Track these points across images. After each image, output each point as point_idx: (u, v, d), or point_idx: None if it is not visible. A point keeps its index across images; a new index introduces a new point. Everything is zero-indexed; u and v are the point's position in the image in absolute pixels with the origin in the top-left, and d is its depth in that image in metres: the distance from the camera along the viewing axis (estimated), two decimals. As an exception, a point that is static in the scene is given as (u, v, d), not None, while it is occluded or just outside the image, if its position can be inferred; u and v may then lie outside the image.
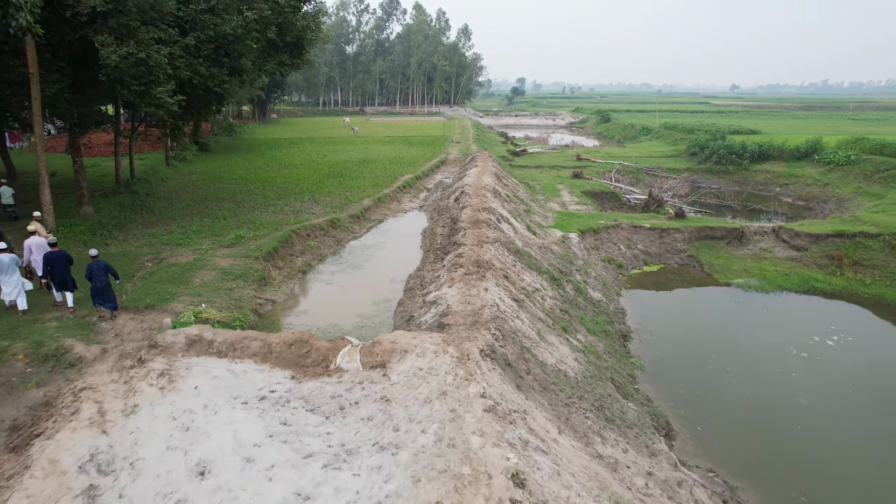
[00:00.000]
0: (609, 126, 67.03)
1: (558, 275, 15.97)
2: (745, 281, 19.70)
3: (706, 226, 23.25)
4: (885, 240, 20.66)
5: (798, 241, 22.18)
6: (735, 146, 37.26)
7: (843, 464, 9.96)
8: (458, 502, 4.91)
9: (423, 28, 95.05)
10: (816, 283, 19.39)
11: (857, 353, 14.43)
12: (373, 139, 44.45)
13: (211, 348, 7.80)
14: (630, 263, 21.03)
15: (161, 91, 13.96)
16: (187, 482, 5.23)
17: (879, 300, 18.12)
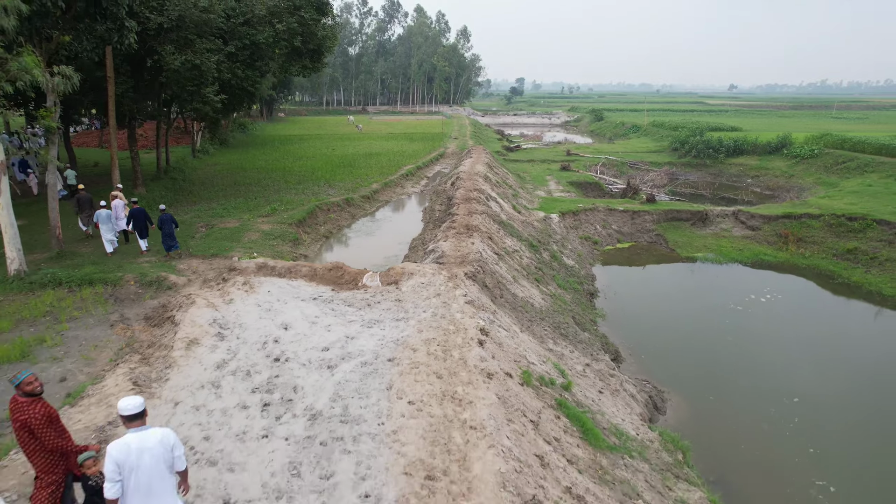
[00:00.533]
0: (602, 124, 70.22)
1: (536, 243, 19.19)
2: (704, 255, 22.84)
3: (673, 209, 26.48)
4: (824, 220, 23.85)
5: (753, 222, 25.38)
6: (712, 141, 40.46)
7: (748, 375, 13.14)
8: (445, 339, 8.11)
9: (423, 30, 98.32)
10: (764, 257, 22.56)
11: (780, 306, 17.65)
12: (376, 136, 47.69)
13: (273, 272, 11.01)
14: (604, 241, 24.20)
15: (209, 90, 17.19)
16: (277, 331, 8.43)
17: (814, 269, 21.29)
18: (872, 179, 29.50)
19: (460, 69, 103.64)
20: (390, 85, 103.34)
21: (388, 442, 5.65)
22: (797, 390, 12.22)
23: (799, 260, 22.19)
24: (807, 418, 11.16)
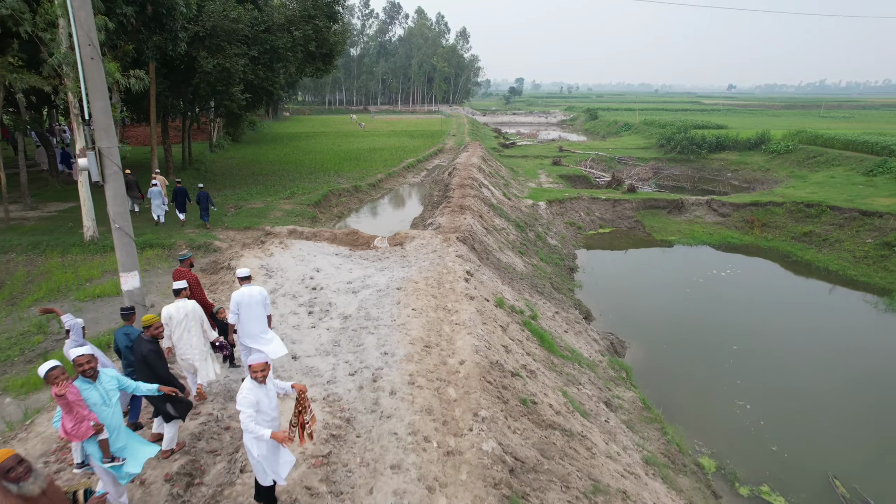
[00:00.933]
0: (596, 123, 72.83)
1: (523, 224, 21.78)
2: (677, 239, 25.43)
3: (651, 198, 29.08)
4: (786, 207, 26.44)
5: (724, 210, 27.98)
6: (696, 138, 43.05)
7: (700, 331, 15.71)
8: (439, 277, 10.69)
9: (423, 31, 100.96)
10: (731, 240, 25.17)
11: (737, 279, 20.24)
12: (379, 133, 50.30)
13: (301, 236, 13.60)
14: (587, 226, 26.78)
15: (235, 90, 19.79)
16: (311, 272, 11.02)
17: (774, 250, 23.86)
18: (837, 172, 32.06)
19: (459, 69, 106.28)
20: (391, 85, 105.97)
21: (398, 329, 8.24)
22: (737, 341, 14.80)
23: (762, 242, 24.76)
24: (740, 360, 13.75)
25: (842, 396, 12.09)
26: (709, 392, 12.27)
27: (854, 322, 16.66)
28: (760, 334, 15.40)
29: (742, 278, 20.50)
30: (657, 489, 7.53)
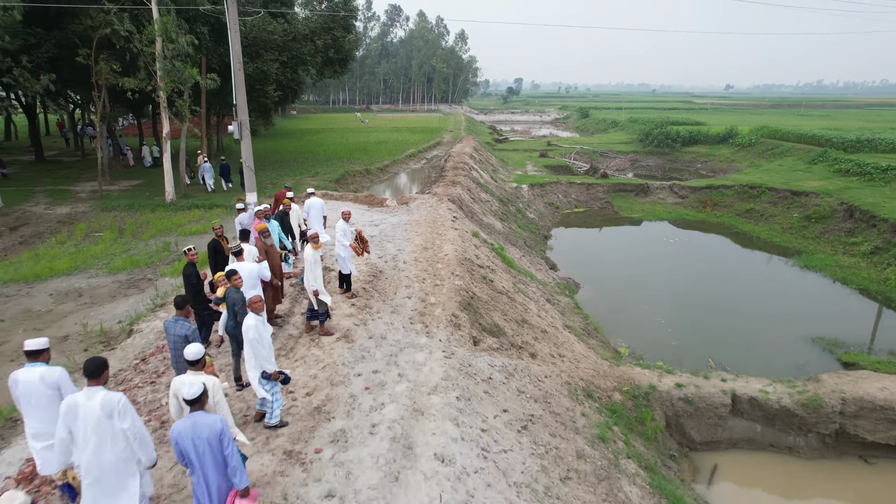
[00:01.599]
0: (586, 121, 77.46)
1: (506, 200, 26.37)
2: (640, 216, 29.99)
3: (621, 182, 33.69)
4: (734, 189, 31.00)
5: (683, 192, 32.57)
6: (671, 133, 47.64)
7: (642, 278, 20.29)
8: (434, 220, 15.30)
9: (423, 33, 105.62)
10: (686, 216, 29.73)
11: (682, 245, 24.80)
12: (382, 129, 54.94)
13: (332, 197, 18.20)
14: (564, 206, 31.34)
15: (269, 88, 24.39)
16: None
17: (721, 224, 28.38)
18: (786, 161, 36.61)
19: (458, 70, 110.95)
20: (392, 85, 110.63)
21: (406, 241, 12.84)
22: (671, 285, 19.32)
23: (712, 218, 29.34)
24: (668, 294, 18.30)
25: (731, 315, 16.66)
26: (637, 315, 16.77)
27: (763, 272, 21.32)
28: (689, 279, 19.99)
29: (686, 244, 25.12)
30: (570, 338, 12.09)
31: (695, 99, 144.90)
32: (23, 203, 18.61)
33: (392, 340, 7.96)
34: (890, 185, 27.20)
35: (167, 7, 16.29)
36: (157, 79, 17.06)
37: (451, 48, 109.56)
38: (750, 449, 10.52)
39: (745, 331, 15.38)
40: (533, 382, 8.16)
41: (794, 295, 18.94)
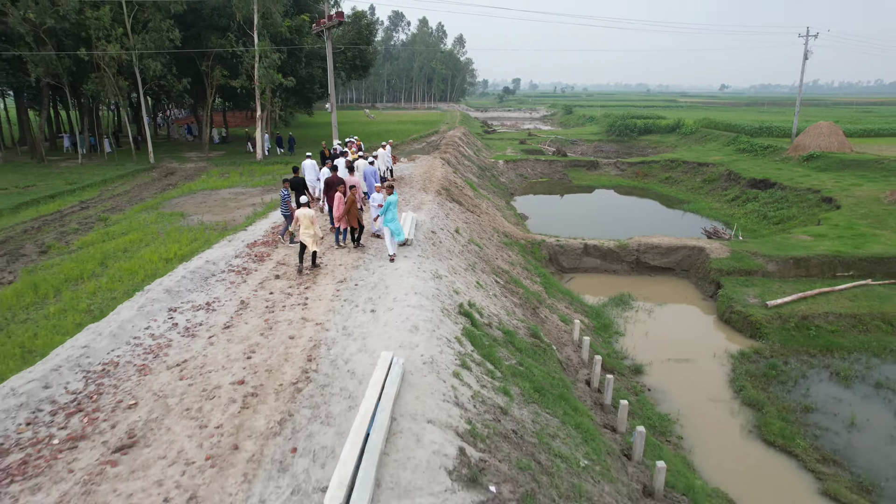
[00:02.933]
0: (569, 117, 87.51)
1: (484, 167, 36.38)
2: (588, 183, 40.01)
3: (576, 160, 43.78)
4: (660, 163, 41.06)
5: (623, 167, 42.65)
6: (629, 124, 57.66)
7: (577, 221, 30.40)
8: (431, 166, 25.42)
9: (424, 38, 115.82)
10: (622, 183, 39.75)
11: (609, 200, 34.89)
12: (389, 122, 65.02)
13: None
14: (531, 176, 41.38)
15: (315, 87, 34.47)
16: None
17: (646, 188, 38.36)
18: (711, 144, 46.60)
19: (456, 71, 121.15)
20: (395, 84, 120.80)
21: (414, 171, 22.91)
22: (591, 217, 29.42)
23: (640, 184, 39.34)
24: (586, 221, 28.38)
25: (617, 227, 26.65)
26: (553, 225, 26.73)
27: (658, 211, 31.44)
28: (607, 216, 30.05)
29: (612, 199, 35.19)
30: (503, 220, 22.09)
31: (679, 98, 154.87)
32: (161, 163, 28.71)
33: (409, 195, 17.97)
34: (764, 157, 37.28)
35: (263, 35, 26.43)
36: (255, 80, 27.17)
37: (450, 51, 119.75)
38: (593, 272, 20.55)
39: (616, 232, 25.46)
40: (475, 219, 18.23)
41: (661, 218, 29.15)
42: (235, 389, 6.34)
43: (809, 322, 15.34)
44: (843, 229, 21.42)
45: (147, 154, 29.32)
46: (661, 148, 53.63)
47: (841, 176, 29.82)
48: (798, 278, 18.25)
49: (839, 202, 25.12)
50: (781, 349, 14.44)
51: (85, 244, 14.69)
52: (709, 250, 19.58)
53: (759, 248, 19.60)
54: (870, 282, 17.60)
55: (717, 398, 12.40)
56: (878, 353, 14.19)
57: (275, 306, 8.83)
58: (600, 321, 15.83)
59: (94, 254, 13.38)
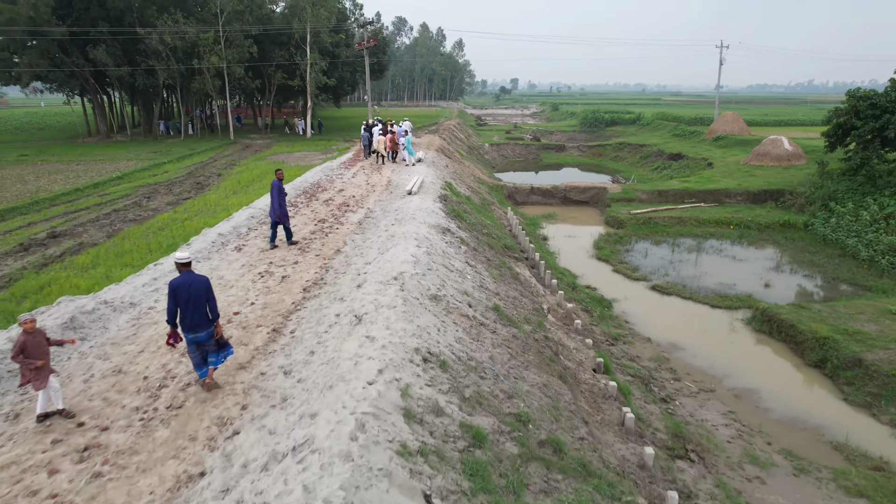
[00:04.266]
0: (555, 113, 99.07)
1: (472, 147, 47.81)
2: (555, 162, 51.48)
3: (547, 144, 55.31)
4: (612, 146, 52.51)
5: (584, 149, 54.16)
6: (599, 118, 69.04)
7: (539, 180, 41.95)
8: (431, 140, 36.94)
9: (426, 42, 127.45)
10: (582, 161, 51.29)
11: (567, 175, 46.42)
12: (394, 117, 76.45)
13: (384, 136, 39.80)
14: (510, 156, 52.84)
15: (345, 86, 46.00)
16: (393, 140, 37.28)
17: (599, 165, 49.84)
18: (659, 132, 57.98)
19: (455, 72, 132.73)
20: (399, 84, 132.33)
21: (419, 141, 34.38)
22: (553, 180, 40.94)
23: (596, 161, 50.82)
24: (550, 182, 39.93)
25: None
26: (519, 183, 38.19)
27: (605, 179, 42.91)
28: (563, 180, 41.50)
29: (571, 172, 46.68)
30: (480, 172, 33.50)
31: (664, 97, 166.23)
32: (238, 140, 40.19)
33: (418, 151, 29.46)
34: (689, 139, 48.73)
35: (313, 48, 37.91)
36: (308, 80, 38.62)
37: (450, 54, 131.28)
38: (537, 204, 31.94)
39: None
40: (461, 168, 29.71)
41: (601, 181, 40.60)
42: (360, 192, 17.81)
43: (651, 220, 26.73)
44: (703, 179, 32.76)
45: (227, 134, 40.77)
46: (623, 136, 64.92)
47: (730, 151, 41.18)
48: (660, 203, 29.62)
49: (714, 165, 36.52)
50: (630, 232, 25.78)
51: (235, 174, 26.15)
52: (609, 188, 31.00)
53: (640, 187, 31.05)
54: (702, 204, 28.97)
55: (585, 248, 23.78)
56: (682, 233, 25.55)
57: (368, 176, 20.34)
58: (531, 222, 27.19)
59: (248, 175, 24.85)
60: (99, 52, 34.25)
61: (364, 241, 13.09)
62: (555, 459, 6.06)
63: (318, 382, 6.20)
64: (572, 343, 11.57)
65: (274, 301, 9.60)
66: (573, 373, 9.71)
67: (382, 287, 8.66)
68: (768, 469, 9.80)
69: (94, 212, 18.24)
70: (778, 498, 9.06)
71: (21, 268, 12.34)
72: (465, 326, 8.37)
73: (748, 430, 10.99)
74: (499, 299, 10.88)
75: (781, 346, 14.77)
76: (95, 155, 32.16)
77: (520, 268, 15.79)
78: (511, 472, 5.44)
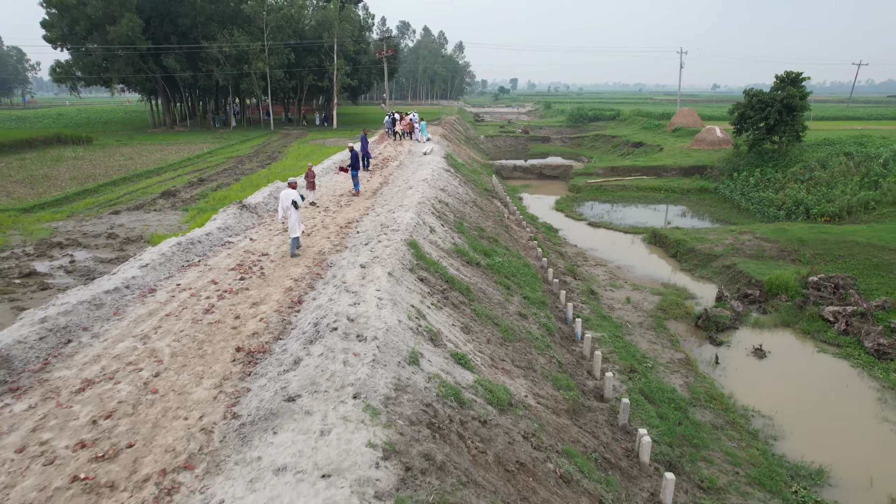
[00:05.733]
0: (548, 111, 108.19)
1: (469, 137, 56.82)
2: (541, 151, 60.50)
3: (535, 136, 64.40)
4: (589, 137, 61.54)
5: (567, 140, 63.22)
6: (583, 114, 78.03)
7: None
8: (436, 130, 46.02)
9: (428, 45, 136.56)
10: (564, 150, 60.39)
11: (546, 162, 55.47)
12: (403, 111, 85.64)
13: (396, 127, 48.81)
14: (503, 147, 61.88)
15: (364, 86, 55.10)
16: (404, 130, 46.28)
17: (578, 153, 58.85)
18: (632, 126, 66.95)
19: (455, 73, 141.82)
20: (403, 84, 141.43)
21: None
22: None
23: (575, 150, 59.86)
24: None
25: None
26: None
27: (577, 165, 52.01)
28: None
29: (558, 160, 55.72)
30: (475, 154, 42.47)
31: (654, 96, 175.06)
32: (278, 130, 49.24)
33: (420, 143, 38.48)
34: (654, 131, 57.73)
35: (339, 55, 46.97)
36: (335, 81, 47.67)
37: (450, 56, 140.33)
38: (518, 179, 40.94)
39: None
40: (458, 149, 38.79)
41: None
42: (393, 154, 26.86)
43: (602, 187, 35.71)
44: (650, 159, 41.73)
45: (268, 126, 49.84)
46: (602, 130, 73.96)
47: (681, 139, 50.12)
48: (612, 176, 38.57)
49: (664, 149, 45.50)
50: (584, 195, 34.71)
51: (292, 151, 35.17)
52: (574, 166, 40.01)
53: (599, 164, 40.09)
54: (644, 177, 37.95)
55: (549, 205, 32.75)
56: (623, 196, 34.51)
57: (395, 147, 29.46)
58: (511, 189, 36.11)
59: (304, 151, 33.89)
60: (170, 60, 43.30)
61: (402, 172, 22.27)
62: (499, 240, 15.12)
63: (377, 224, 15.27)
64: (518, 229, 20.67)
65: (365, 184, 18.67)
66: (514, 232, 18.84)
67: (419, 182, 17.73)
68: (618, 288, 18.81)
69: (212, 170, 27.32)
70: (617, 293, 18.08)
71: (202, 192, 21.45)
72: (458, 202, 17.46)
73: (616, 277, 20.00)
74: (476, 202, 19.95)
75: (658, 249, 23.78)
76: (172, 141, 41.24)
77: (495, 201, 24.85)
78: (478, 241, 14.54)
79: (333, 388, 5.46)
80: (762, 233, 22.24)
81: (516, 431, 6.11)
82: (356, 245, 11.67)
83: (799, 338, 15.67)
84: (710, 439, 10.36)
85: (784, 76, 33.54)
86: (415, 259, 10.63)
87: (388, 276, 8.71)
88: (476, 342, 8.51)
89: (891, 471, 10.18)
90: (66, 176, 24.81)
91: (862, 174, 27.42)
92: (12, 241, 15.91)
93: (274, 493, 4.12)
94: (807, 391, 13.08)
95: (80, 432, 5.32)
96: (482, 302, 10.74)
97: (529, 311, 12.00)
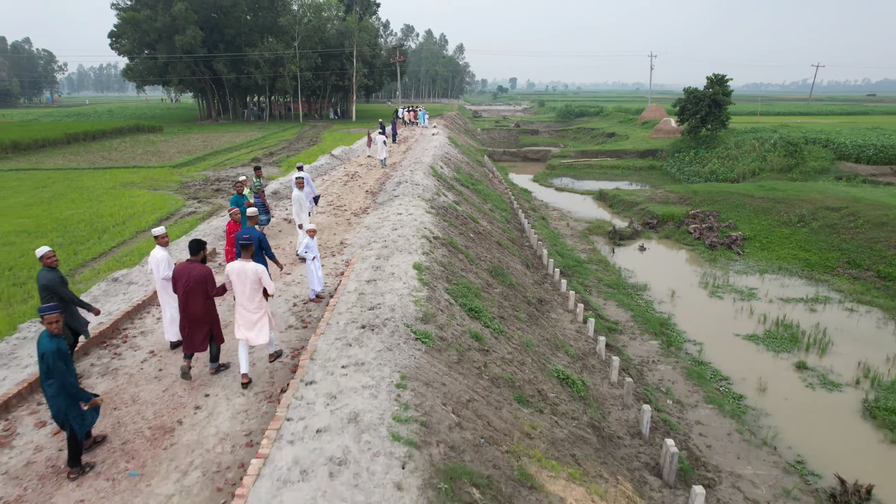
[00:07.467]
0: (542, 108, 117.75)
1: (468, 129, 66.27)
2: (531, 142, 69.99)
3: (525, 129, 73.97)
4: (573, 130, 71.04)
5: (553, 133, 72.77)
6: (570, 111, 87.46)
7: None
8: (440, 121, 55.57)
9: (430, 46, 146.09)
10: (550, 142, 69.95)
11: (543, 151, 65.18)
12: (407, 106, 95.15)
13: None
14: (497, 139, 71.39)
15: (375, 85, 64.64)
16: (413, 122, 55.80)
17: (564, 144, 68.38)
18: (611, 120, 76.34)
19: (455, 73, 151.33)
20: (405, 84, 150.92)
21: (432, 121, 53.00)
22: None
23: (560, 141, 69.35)
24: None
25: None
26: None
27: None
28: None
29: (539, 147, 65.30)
30: (472, 142, 51.96)
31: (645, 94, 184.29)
32: (307, 124, 58.78)
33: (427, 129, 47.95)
34: (628, 124, 67.19)
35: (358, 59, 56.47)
36: (353, 82, 57.16)
37: (451, 57, 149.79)
38: (507, 161, 50.45)
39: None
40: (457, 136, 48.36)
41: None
42: (407, 135, 36.45)
43: (572, 166, 45.18)
44: (615, 145, 51.24)
45: (298, 119, 59.35)
46: (590, 126, 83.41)
47: (647, 130, 59.54)
48: (581, 157, 47.98)
49: (630, 138, 54.96)
50: (558, 171, 44.14)
51: (327, 137, 44.68)
52: (552, 150, 49.50)
53: (572, 149, 49.62)
54: (607, 158, 47.40)
55: (529, 179, 42.22)
56: (588, 172, 43.96)
57: (411, 131, 38.92)
58: (500, 169, 45.53)
59: (337, 136, 43.42)
60: (219, 65, 52.83)
61: (417, 144, 31.86)
62: (483, 182, 24.70)
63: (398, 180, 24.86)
64: (499, 184, 30.33)
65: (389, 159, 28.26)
66: (496, 187, 28.54)
67: (431, 147, 27.28)
68: (563, 220, 28.31)
69: (274, 147, 36.87)
70: (562, 223, 27.71)
71: (277, 160, 31.01)
72: (457, 162, 27.06)
73: (564, 216, 29.48)
74: (470, 163, 29.51)
75: (602, 203, 33.27)
76: (224, 130, 50.71)
77: (484, 168, 34.45)
78: (469, 178, 24.13)
79: (409, 195, 15.05)
80: (670, 188, 31.77)
81: (485, 221, 15.71)
82: (404, 165, 21.30)
83: (670, 244, 25.16)
84: (590, 271, 19.84)
85: (713, 77, 43.03)
86: (433, 172, 20.23)
87: (422, 173, 18.31)
88: (465, 202, 18.11)
89: (687, 288, 19.66)
90: (173, 150, 34.22)
91: (759, 152, 36.91)
92: (195, 179, 25.45)
93: (389, 212, 13.79)
94: (663, 265, 22.53)
95: (338, 194, 15.02)
96: (470, 197, 20.29)
97: (497, 210, 21.56)
